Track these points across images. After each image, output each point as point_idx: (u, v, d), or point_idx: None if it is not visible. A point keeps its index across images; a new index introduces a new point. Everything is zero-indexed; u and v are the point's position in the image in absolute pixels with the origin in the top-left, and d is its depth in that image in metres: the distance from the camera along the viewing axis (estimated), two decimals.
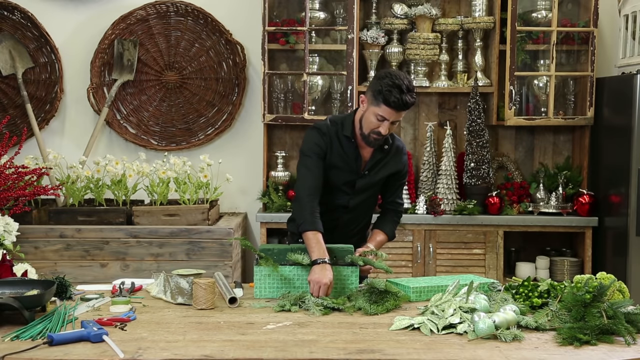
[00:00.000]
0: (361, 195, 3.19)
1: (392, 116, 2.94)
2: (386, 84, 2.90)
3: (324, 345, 2.29)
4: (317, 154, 3.07)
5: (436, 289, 2.85)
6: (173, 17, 4.95)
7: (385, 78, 2.92)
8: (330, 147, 3.09)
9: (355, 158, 3.11)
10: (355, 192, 3.16)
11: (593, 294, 2.46)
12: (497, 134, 5.03)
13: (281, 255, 2.89)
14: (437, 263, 4.65)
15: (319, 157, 3.07)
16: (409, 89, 2.91)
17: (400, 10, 4.79)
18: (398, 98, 2.88)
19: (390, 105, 2.90)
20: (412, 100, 2.93)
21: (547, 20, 4.77)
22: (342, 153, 3.10)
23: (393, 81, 2.90)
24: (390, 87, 2.89)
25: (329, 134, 3.09)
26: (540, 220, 4.63)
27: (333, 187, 3.14)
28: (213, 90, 5.00)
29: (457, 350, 2.26)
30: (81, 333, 2.30)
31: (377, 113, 2.95)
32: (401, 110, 2.93)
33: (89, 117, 4.99)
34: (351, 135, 3.09)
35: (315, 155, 3.07)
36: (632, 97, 4.24)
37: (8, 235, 3.75)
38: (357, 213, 3.23)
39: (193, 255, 4.28)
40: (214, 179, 4.57)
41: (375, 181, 3.19)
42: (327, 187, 3.12)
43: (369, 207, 3.29)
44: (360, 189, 3.17)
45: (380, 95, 2.91)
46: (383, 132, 2.97)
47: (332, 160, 3.10)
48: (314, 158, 3.07)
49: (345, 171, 3.12)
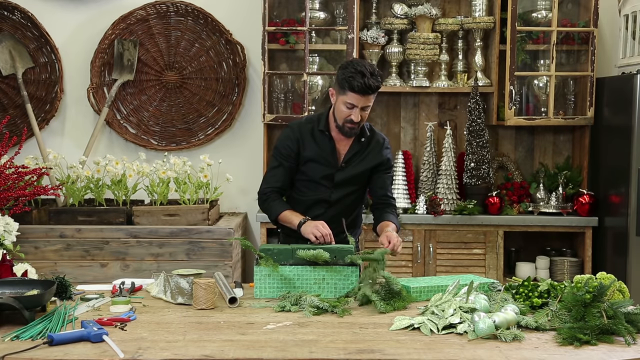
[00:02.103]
0: (342, 189, 3.26)
1: (360, 102, 3.06)
2: (349, 71, 3.04)
3: (324, 345, 2.29)
4: (284, 155, 3.25)
5: (436, 289, 2.85)
6: (173, 17, 4.95)
7: (348, 67, 3.08)
8: (302, 143, 3.23)
9: (331, 151, 3.23)
10: (335, 185, 3.25)
11: (593, 294, 2.46)
12: (497, 134, 5.03)
13: (281, 255, 2.89)
14: (437, 263, 4.65)
15: (285, 158, 3.25)
16: (372, 74, 3.04)
17: (400, 10, 4.79)
18: (361, 82, 3.01)
19: (355, 91, 3.03)
20: (377, 84, 3.05)
21: (547, 20, 4.77)
22: (317, 147, 3.22)
23: (355, 67, 3.04)
24: (353, 74, 3.02)
25: (300, 131, 3.24)
26: (540, 220, 4.63)
27: (313, 181, 3.26)
28: (213, 90, 5.00)
29: (457, 350, 2.26)
30: (81, 333, 2.30)
31: (345, 101, 3.07)
32: (366, 94, 3.05)
33: (89, 117, 4.99)
34: (325, 129, 3.21)
35: (281, 157, 3.26)
36: (632, 97, 4.24)
37: (8, 235, 3.75)
38: (340, 208, 3.28)
39: (193, 255, 4.28)
40: (214, 179, 4.57)
41: (355, 174, 3.26)
42: (307, 181, 3.27)
43: (354, 203, 3.34)
44: (339, 183, 3.25)
45: (346, 83, 3.04)
46: (355, 119, 3.09)
47: (307, 155, 3.23)
48: (280, 160, 3.26)
49: (322, 165, 3.23)
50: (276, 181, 3.28)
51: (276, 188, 3.28)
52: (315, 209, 3.27)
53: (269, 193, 3.29)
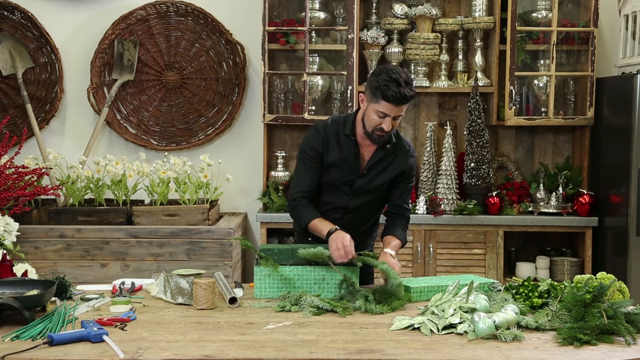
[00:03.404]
0: (361, 198, 3.13)
1: (393, 111, 2.92)
2: (383, 79, 2.88)
3: (324, 345, 2.29)
4: (311, 156, 3.10)
5: (436, 289, 2.85)
6: (173, 17, 4.95)
7: (382, 74, 2.91)
8: (326, 146, 3.09)
9: (354, 157, 3.09)
10: (354, 192, 3.12)
11: (593, 294, 2.46)
12: (497, 134, 5.03)
13: (281, 255, 2.89)
14: (437, 263, 4.65)
15: (312, 159, 3.10)
16: (407, 82, 2.89)
17: (400, 10, 4.79)
18: (396, 92, 2.86)
19: (389, 100, 2.89)
20: (411, 94, 2.90)
21: (547, 20, 4.77)
22: (341, 152, 3.09)
23: (390, 76, 2.88)
24: (388, 82, 2.87)
25: (326, 133, 3.09)
26: (540, 220, 4.63)
27: (333, 186, 3.13)
28: (213, 90, 5.00)
29: (457, 350, 2.26)
30: (81, 333, 2.30)
31: (377, 110, 2.93)
32: (400, 104, 2.91)
33: (89, 117, 4.99)
34: (351, 133, 3.08)
35: (308, 158, 3.11)
36: (632, 97, 4.24)
37: (8, 235, 3.75)
38: (356, 216, 3.17)
39: (193, 255, 4.28)
40: (214, 179, 4.57)
41: (377, 185, 3.13)
42: (327, 185, 3.13)
43: (372, 211, 3.23)
44: (359, 190, 3.12)
45: (379, 91, 2.89)
46: (386, 128, 2.96)
47: (330, 159, 3.09)
48: (307, 162, 3.11)
49: (344, 170, 3.10)
50: (304, 185, 3.11)
51: (306, 192, 3.11)
52: (332, 214, 3.12)
53: (298, 199, 3.11)
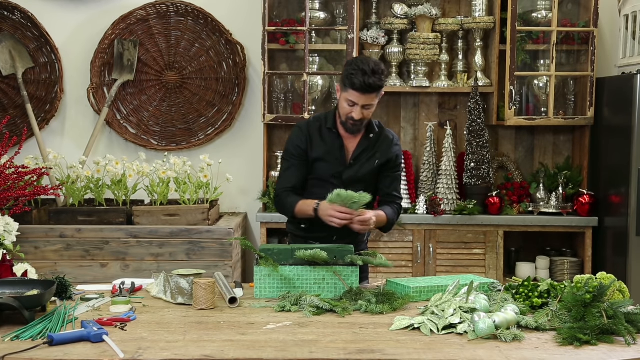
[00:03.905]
0: (352, 187, 3.17)
1: (361, 100, 3.04)
2: (352, 68, 3.02)
3: (324, 345, 2.29)
4: (294, 155, 3.22)
5: (436, 289, 2.85)
6: (173, 17, 4.95)
7: (352, 64, 3.06)
8: (310, 142, 3.21)
9: (339, 148, 3.20)
10: (343, 183, 3.20)
11: (593, 294, 2.46)
12: (497, 134, 5.03)
13: (281, 255, 2.89)
14: (437, 263, 4.65)
15: (296, 158, 3.22)
16: (375, 72, 3.01)
17: (400, 10, 4.79)
18: (361, 81, 2.98)
19: (356, 89, 3.02)
20: (378, 83, 3.02)
21: (547, 20, 4.77)
22: (325, 145, 3.20)
23: (358, 65, 3.02)
24: (355, 71, 3.00)
25: (309, 130, 3.22)
26: (540, 220, 4.63)
27: (323, 180, 3.22)
28: (213, 90, 5.00)
29: (457, 350, 2.26)
30: (81, 333, 2.30)
31: (347, 98, 3.07)
32: (367, 92, 3.03)
33: (89, 117, 4.99)
34: (332, 126, 3.19)
35: (292, 157, 3.23)
36: (632, 97, 4.24)
37: (8, 235, 3.75)
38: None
39: (193, 255, 4.28)
40: (214, 179, 4.57)
41: (364, 172, 3.22)
42: (317, 180, 3.23)
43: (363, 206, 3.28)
44: (348, 180, 3.20)
45: (347, 80, 3.03)
46: (356, 116, 3.07)
47: (316, 154, 3.20)
48: (291, 160, 3.23)
49: (331, 163, 3.20)
50: (289, 182, 3.23)
51: (289, 188, 3.22)
52: None
53: (281, 194, 3.23)
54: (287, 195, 3.21)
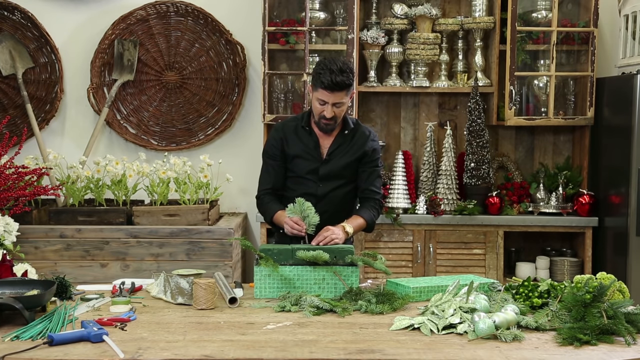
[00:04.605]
0: (329, 183, 3.31)
1: (330, 98, 3.13)
2: (320, 68, 3.15)
3: (324, 345, 2.29)
4: (271, 156, 3.35)
5: (436, 289, 2.85)
6: (173, 17, 4.95)
7: (320, 64, 3.20)
8: (286, 142, 3.32)
9: (314, 146, 3.30)
10: (320, 178, 3.30)
11: (593, 294, 2.47)
12: (497, 134, 5.03)
13: (281, 255, 2.89)
14: (437, 263, 4.65)
15: (272, 158, 3.35)
16: (342, 71, 3.09)
17: (400, 10, 4.79)
18: (329, 79, 3.08)
19: (324, 87, 3.11)
20: (346, 81, 3.10)
21: (547, 20, 4.77)
22: (301, 144, 3.30)
23: (326, 65, 3.14)
24: (323, 70, 3.12)
25: (284, 131, 3.35)
26: (540, 220, 4.63)
27: (300, 176, 3.32)
28: (213, 90, 5.00)
29: (457, 350, 2.26)
30: (81, 333, 2.30)
31: (318, 97, 3.18)
32: (335, 91, 3.11)
33: (89, 117, 4.99)
34: (306, 124, 3.29)
35: (269, 158, 3.36)
36: (632, 97, 4.24)
37: (8, 235, 3.75)
38: (330, 203, 3.30)
39: (193, 255, 4.28)
40: (214, 179, 4.57)
41: (340, 167, 3.30)
42: (294, 177, 3.33)
43: (346, 198, 3.36)
44: (325, 176, 3.30)
45: (317, 80, 3.15)
46: (327, 115, 3.17)
47: (292, 152, 3.31)
48: (269, 161, 3.37)
49: (308, 160, 3.30)
50: (267, 183, 3.37)
51: (269, 189, 3.37)
52: None
53: (262, 196, 3.39)
54: (267, 201, 3.35)
